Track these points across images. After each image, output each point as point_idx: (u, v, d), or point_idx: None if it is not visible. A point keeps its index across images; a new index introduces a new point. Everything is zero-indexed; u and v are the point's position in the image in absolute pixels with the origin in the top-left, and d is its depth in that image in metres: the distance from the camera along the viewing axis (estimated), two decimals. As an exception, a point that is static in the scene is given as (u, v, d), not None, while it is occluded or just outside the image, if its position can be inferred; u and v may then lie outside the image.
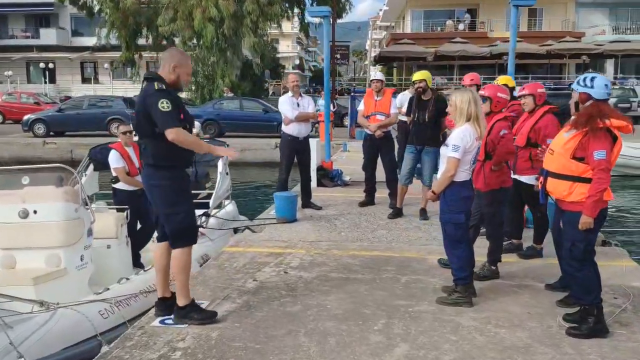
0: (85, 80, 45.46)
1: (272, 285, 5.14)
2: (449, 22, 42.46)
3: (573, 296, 4.57)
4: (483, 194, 5.19)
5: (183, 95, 30.37)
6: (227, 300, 4.75)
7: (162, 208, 4.20)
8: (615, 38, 37.85)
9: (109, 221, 6.69)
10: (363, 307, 4.59)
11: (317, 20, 36.08)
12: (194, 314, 4.27)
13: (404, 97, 10.36)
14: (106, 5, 28.83)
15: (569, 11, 41.27)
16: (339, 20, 36.42)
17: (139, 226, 7.25)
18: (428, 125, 7.56)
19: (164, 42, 31.48)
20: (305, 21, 35.17)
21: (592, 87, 4.02)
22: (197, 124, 9.11)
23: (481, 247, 5.35)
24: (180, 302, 4.30)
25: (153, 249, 7.41)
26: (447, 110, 4.74)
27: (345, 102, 26.73)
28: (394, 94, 9.06)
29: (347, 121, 24.87)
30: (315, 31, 37.34)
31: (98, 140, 20.22)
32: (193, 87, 30.50)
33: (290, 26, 48.48)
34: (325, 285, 5.14)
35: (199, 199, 9.57)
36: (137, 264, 7.17)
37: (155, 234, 7.18)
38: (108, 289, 5.30)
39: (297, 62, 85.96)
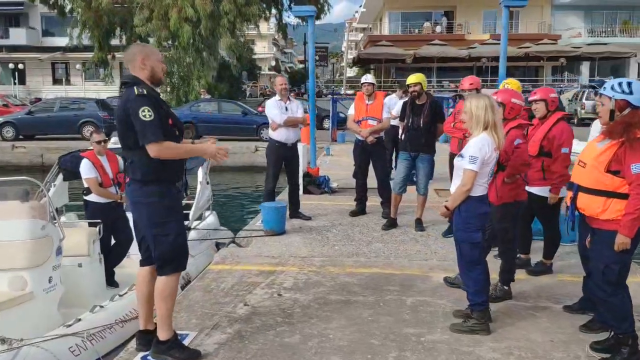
0: (56, 81, 44.18)
1: (266, 310, 4.63)
2: (427, 24, 42.38)
3: (598, 321, 4.17)
4: (495, 208, 4.73)
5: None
6: (217, 330, 4.23)
7: (150, 228, 3.68)
8: (593, 41, 38.06)
9: (80, 237, 6.14)
10: (370, 337, 4.11)
11: (294, 21, 35.77)
12: (175, 351, 3.74)
13: (391, 101, 9.92)
14: (78, 5, 27.87)
15: (545, 14, 41.44)
16: (316, 22, 35.99)
17: (112, 241, 6.71)
18: (423, 131, 7.12)
19: (139, 43, 30.65)
20: (284, 22, 34.67)
21: (630, 92, 3.59)
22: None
23: (490, 263, 4.92)
24: (162, 335, 3.77)
25: (128, 266, 6.95)
26: (461, 118, 4.27)
27: (325, 104, 26.27)
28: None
29: (327, 124, 24.42)
30: (293, 32, 36.75)
31: (70, 144, 19.67)
32: (168, 89, 29.74)
33: (266, 27, 47.94)
34: (324, 309, 4.64)
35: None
36: (111, 282, 6.64)
37: (132, 252, 6.77)
38: (80, 319, 4.72)
39: (273, 63, 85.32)
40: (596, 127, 4.87)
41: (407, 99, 10.65)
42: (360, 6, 54.62)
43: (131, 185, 3.71)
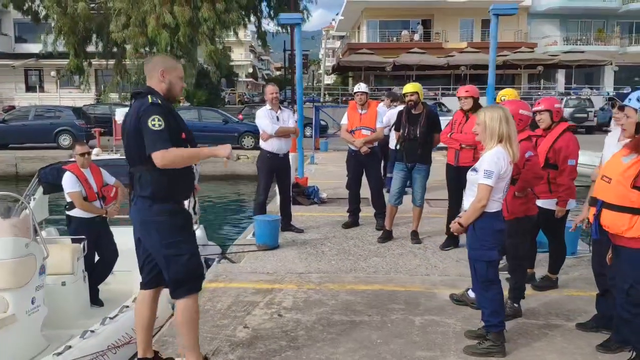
0: (29, 88, 43.14)
1: (268, 333, 4.38)
2: (405, 32, 42.59)
3: (616, 340, 4.01)
4: (505, 223, 4.56)
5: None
6: (218, 357, 3.97)
7: (161, 249, 3.43)
8: (569, 49, 38.57)
9: (64, 254, 5.83)
10: (381, 362, 3.89)
11: (274, 29, 35.56)
12: None
13: (381, 109, 9.72)
14: (53, 11, 27.25)
15: (521, 22, 41.89)
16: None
17: (96, 258, 6.40)
18: (419, 142, 6.94)
19: (115, 49, 30.17)
20: (263, 29, 34.43)
21: (657, 104, 3.45)
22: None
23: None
24: None
25: (112, 282, 6.64)
26: (473, 130, 4.08)
27: (306, 112, 26.04)
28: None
29: (308, 131, 24.22)
30: (272, 39, 36.52)
31: (45, 153, 19.17)
32: (146, 97, 29.24)
33: (243, 34, 47.55)
34: (329, 331, 4.40)
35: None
36: (95, 301, 6.35)
37: (115, 269, 6.46)
38: (70, 346, 4.40)
39: (250, 70, 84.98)
40: (612, 139, 4.72)
41: (397, 108, 10.63)
42: (338, 14, 54.70)
43: (138, 202, 3.46)
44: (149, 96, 3.41)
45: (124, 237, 6.86)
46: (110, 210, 6.47)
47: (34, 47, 36.16)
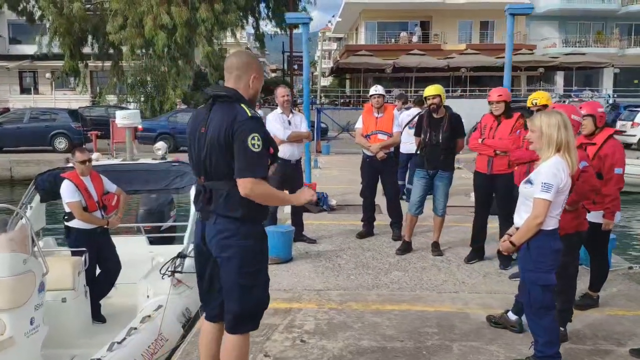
0: (24, 90, 42.51)
1: (292, 363, 3.95)
2: (403, 34, 42.23)
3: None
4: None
5: (131, 106, 28.73)
6: (240, 393, 3.53)
7: (239, 278, 3.02)
8: (569, 51, 38.30)
9: (64, 268, 5.40)
10: (424, 399, 3.47)
11: (272, 30, 35.15)
12: None
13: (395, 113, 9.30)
14: (49, 12, 26.67)
15: (519, 24, 41.53)
16: (294, 31, 35.47)
17: (97, 271, 5.96)
18: (442, 147, 6.51)
19: (111, 51, 29.65)
20: (261, 31, 33.96)
21: None
22: (162, 144, 7.78)
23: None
24: None
25: (113, 296, 6.20)
26: (526, 137, 3.65)
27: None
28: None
29: (309, 134, 23.78)
30: (270, 41, 36.05)
31: (41, 157, 18.67)
32: (142, 98, 28.78)
33: (239, 36, 47.06)
34: (360, 361, 3.98)
35: (162, 232, 8.30)
36: (97, 317, 5.91)
37: (118, 282, 6.03)
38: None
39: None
40: None
41: (408, 111, 10.23)
42: (334, 16, 54.40)
43: (222, 223, 3.01)
44: (244, 106, 2.95)
45: (126, 247, 6.43)
46: (111, 220, 6.04)
47: (29, 49, 35.64)
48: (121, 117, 7.99)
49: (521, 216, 3.57)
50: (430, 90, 6.51)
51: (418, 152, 6.74)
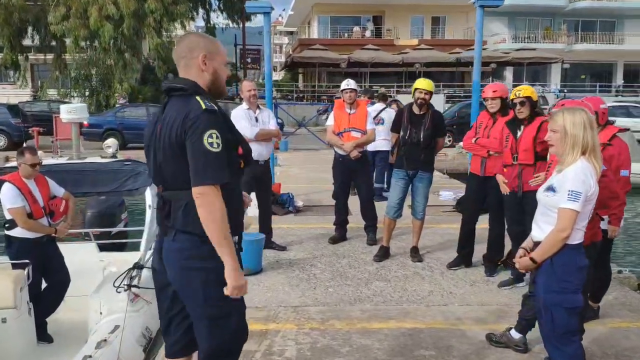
0: (-42, 84, 40.34)
1: (277, 401, 3.40)
2: (356, 28, 41.94)
3: None
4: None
5: (75, 100, 27.36)
6: None
7: (205, 307, 2.48)
8: (518, 46, 38.84)
9: (4, 284, 4.68)
10: None
11: (223, 23, 34.25)
12: None
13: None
14: (-15, 1, 25.16)
15: (470, 20, 41.91)
16: (244, 24, 34.67)
17: (43, 284, 5.24)
18: (422, 146, 6.05)
19: (54, 43, 28.16)
20: (212, 23, 33.02)
21: None
22: (112, 140, 7.02)
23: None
24: None
25: (61, 311, 5.50)
26: (546, 137, 3.18)
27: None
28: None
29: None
30: (222, 34, 35.09)
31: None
32: (87, 93, 27.45)
33: (188, 28, 45.84)
34: (356, 396, 3.46)
35: (112, 238, 7.56)
36: (44, 337, 5.19)
37: (67, 294, 5.34)
38: None
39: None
40: None
41: (380, 107, 9.78)
42: (284, 10, 53.67)
43: (179, 240, 2.46)
44: (198, 97, 2.41)
45: (74, 255, 5.69)
46: (60, 227, 5.31)
47: (-37, 40, 33.58)
48: (67, 112, 7.24)
49: (541, 228, 3.11)
50: (422, 84, 5.97)
51: (394, 151, 6.27)
